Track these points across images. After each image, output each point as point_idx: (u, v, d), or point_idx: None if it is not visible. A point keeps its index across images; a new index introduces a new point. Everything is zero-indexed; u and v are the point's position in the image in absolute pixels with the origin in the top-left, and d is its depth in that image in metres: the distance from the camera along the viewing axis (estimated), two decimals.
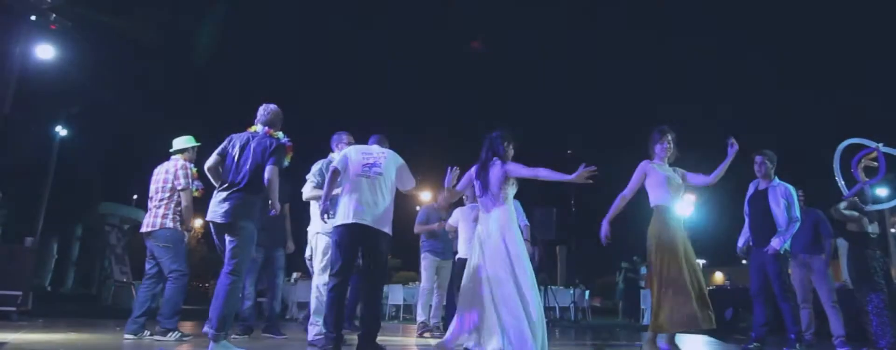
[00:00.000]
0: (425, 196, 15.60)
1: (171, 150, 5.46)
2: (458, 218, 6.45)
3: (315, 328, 4.58)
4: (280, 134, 4.34)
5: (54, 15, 10.04)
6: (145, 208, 5.63)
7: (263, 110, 4.42)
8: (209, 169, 4.25)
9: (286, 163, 4.33)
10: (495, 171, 4.22)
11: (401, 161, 4.50)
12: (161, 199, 5.25)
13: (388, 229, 4.27)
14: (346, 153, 4.46)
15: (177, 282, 5.14)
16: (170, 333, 5.03)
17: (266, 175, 4.02)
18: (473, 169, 4.48)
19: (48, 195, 15.91)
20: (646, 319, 10.66)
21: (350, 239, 4.17)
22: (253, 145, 4.15)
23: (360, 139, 5.02)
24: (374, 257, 4.18)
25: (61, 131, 16.96)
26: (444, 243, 6.91)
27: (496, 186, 4.19)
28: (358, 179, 4.28)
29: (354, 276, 4.61)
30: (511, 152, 4.35)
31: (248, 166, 4.06)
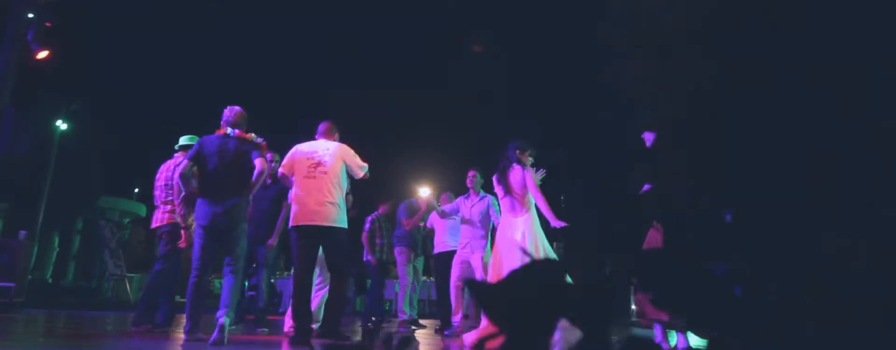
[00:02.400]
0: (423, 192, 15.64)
1: (176, 147, 5.64)
2: (434, 216, 6.60)
3: (291, 320, 4.76)
4: (253, 135, 4.54)
5: (51, 12, 10.18)
6: (146, 202, 5.76)
7: (230, 112, 4.57)
8: (183, 176, 4.41)
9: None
10: (517, 175, 4.47)
11: (347, 152, 4.57)
12: (168, 196, 5.39)
13: (342, 224, 4.40)
14: (292, 156, 4.52)
15: (159, 276, 5.25)
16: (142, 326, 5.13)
17: (257, 167, 4.29)
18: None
19: (49, 189, 16.10)
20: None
21: (305, 239, 4.32)
22: (232, 148, 4.34)
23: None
24: (332, 252, 4.35)
25: (62, 126, 17.14)
26: (418, 238, 7.06)
27: (520, 190, 4.44)
28: (305, 181, 4.37)
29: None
30: (528, 161, 4.56)
31: (234, 170, 4.29)
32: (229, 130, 4.50)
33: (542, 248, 4.29)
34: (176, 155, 5.60)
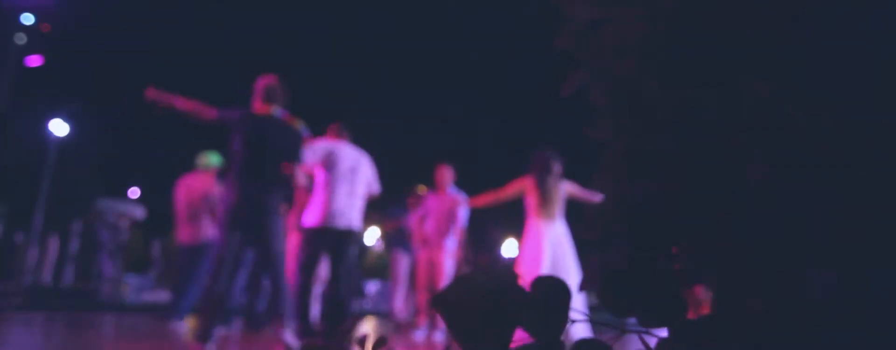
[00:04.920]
0: None
1: (204, 164, 5.75)
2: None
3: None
4: (301, 125, 3.99)
5: (50, 15, 10.22)
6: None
7: (269, 83, 3.86)
8: (198, 113, 3.69)
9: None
10: (556, 185, 4.66)
11: (372, 164, 4.62)
12: (206, 211, 5.53)
13: (360, 227, 4.43)
14: (334, 153, 4.40)
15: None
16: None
17: (296, 175, 3.85)
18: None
19: (48, 191, 16.13)
20: None
21: (324, 241, 4.27)
22: (277, 135, 3.74)
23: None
24: (350, 256, 4.35)
25: (60, 128, 17.19)
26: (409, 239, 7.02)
27: (561, 200, 4.65)
28: (343, 184, 4.35)
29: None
30: (557, 169, 4.72)
31: (276, 160, 3.74)
32: (275, 110, 3.82)
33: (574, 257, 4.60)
34: (206, 172, 5.70)
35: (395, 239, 7.08)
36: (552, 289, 0.60)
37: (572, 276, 4.39)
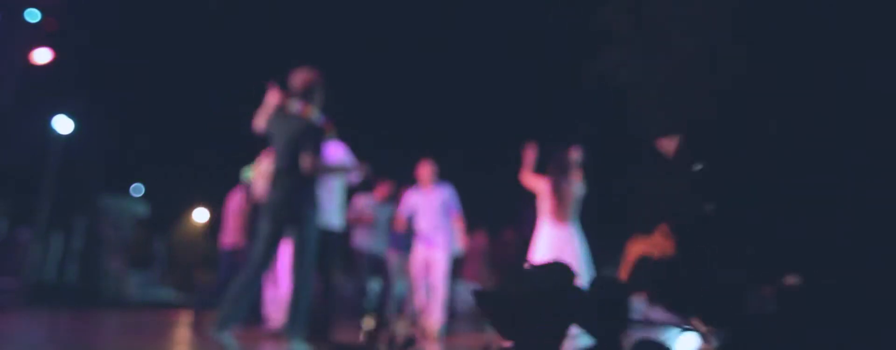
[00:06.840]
0: None
1: (245, 178, 5.97)
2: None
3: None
4: (314, 113, 3.82)
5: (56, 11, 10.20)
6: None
7: (295, 79, 3.79)
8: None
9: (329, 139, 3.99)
10: (569, 187, 4.50)
11: (347, 150, 4.55)
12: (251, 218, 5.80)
13: (334, 224, 4.42)
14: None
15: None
16: None
17: (307, 164, 3.64)
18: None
19: (52, 187, 16.12)
20: None
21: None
22: (289, 129, 3.68)
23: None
24: (325, 254, 4.29)
25: (64, 125, 17.17)
26: (408, 237, 6.54)
27: (577, 203, 4.51)
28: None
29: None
30: (575, 172, 4.59)
31: (293, 154, 3.63)
32: (293, 104, 3.74)
33: (586, 261, 4.47)
34: (241, 186, 5.93)
35: (389, 237, 6.67)
36: (611, 288, 0.55)
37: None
